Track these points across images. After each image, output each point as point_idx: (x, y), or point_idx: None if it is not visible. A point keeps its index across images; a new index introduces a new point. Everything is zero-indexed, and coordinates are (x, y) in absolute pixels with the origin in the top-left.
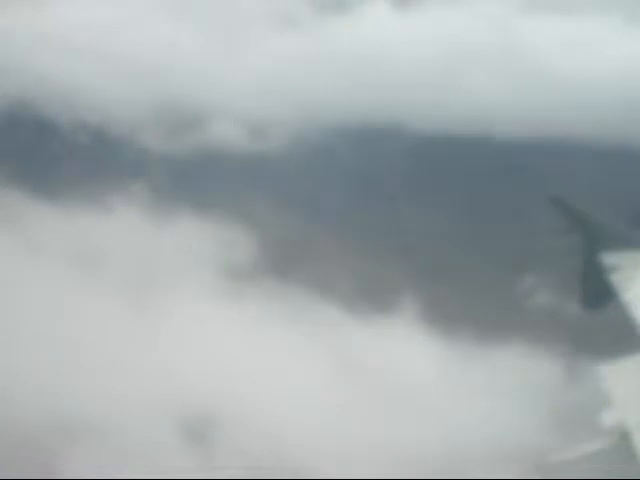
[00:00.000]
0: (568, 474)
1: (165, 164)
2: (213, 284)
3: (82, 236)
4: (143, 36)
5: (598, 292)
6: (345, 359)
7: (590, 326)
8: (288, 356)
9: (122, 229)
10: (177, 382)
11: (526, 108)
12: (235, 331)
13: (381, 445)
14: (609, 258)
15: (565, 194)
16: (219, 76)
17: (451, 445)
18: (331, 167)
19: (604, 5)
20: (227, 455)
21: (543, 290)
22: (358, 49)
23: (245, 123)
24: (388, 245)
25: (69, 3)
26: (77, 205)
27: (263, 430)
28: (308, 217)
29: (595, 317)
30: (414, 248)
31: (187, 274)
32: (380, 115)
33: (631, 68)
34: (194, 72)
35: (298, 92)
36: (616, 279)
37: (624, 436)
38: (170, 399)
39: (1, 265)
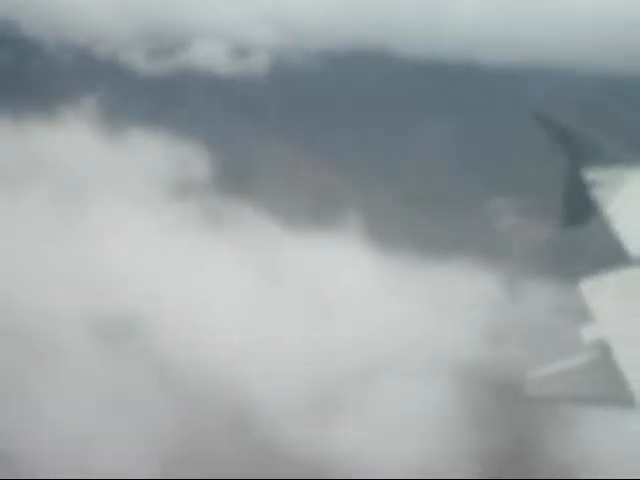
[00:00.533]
0: (550, 389)
1: (147, 84)
2: (156, 197)
3: (36, 147)
4: None
5: (580, 208)
6: (282, 272)
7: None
8: (221, 268)
9: (79, 142)
10: (102, 287)
11: (513, 33)
12: (172, 244)
13: (309, 350)
14: (592, 174)
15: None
16: None
17: (381, 349)
18: (313, 91)
19: None
20: (142, 358)
21: (511, 212)
22: None
23: (228, 45)
24: (358, 166)
25: None
26: (41, 120)
27: (183, 334)
28: (279, 138)
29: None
30: (389, 170)
31: (134, 187)
32: (366, 39)
33: None
34: None
35: (283, 15)
36: (599, 195)
37: (605, 351)
38: (93, 303)
39: None
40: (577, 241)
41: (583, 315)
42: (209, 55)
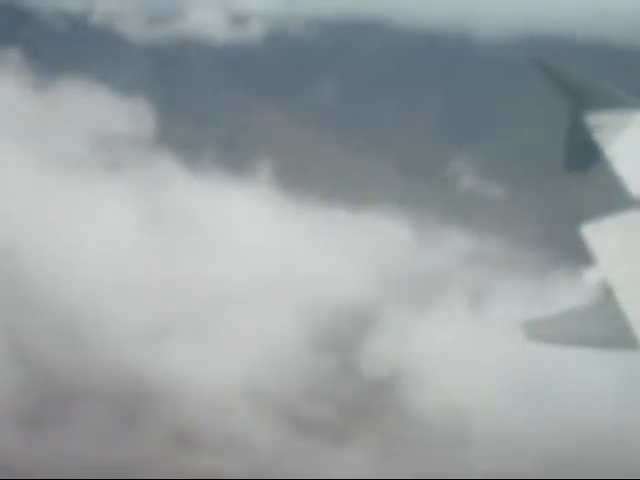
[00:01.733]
0: (550, 332)
1: (142, 52)
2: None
3: None
4: None
5: (583, 153)
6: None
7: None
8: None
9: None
10: None
11: (509, 3)
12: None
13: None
14: (595, 118)
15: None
16: None
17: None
18: (308, 60)
19: None
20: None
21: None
22: None
23: (225, 13)
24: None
25: None
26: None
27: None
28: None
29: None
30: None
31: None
32: (363, 9)
33: None
34: None
35: None
36: (601, 138)
37: (608, 293)
38: None
39: None
40: (579, 185)
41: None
42: (205, 24)
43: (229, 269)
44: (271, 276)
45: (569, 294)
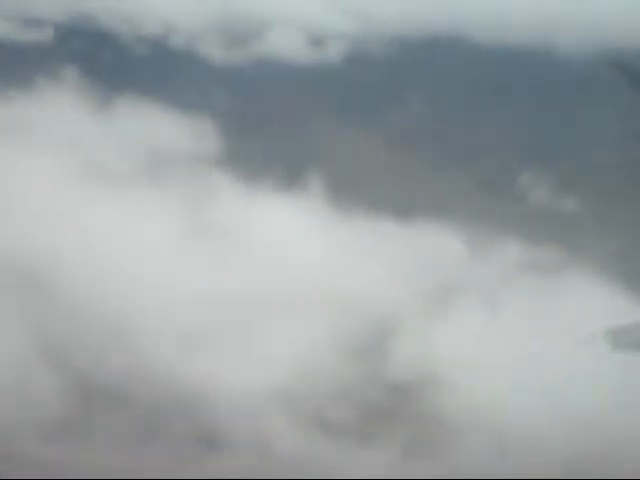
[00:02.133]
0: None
1: (221, 73)
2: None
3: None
4: None
5: None
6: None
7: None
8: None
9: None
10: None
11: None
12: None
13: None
14: None
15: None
16: None
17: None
18: (387, 78)
19: None
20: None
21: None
22: None
23: (304, 34)
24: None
25: None
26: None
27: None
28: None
29: None
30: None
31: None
32: (443, 26)
33: None
34: None
35: (358, 2)
36: None
37: None
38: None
39: None
40: None
41: None
42: (285, 44)
43: (272, 279)
44: (310, 286)
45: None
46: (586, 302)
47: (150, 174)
